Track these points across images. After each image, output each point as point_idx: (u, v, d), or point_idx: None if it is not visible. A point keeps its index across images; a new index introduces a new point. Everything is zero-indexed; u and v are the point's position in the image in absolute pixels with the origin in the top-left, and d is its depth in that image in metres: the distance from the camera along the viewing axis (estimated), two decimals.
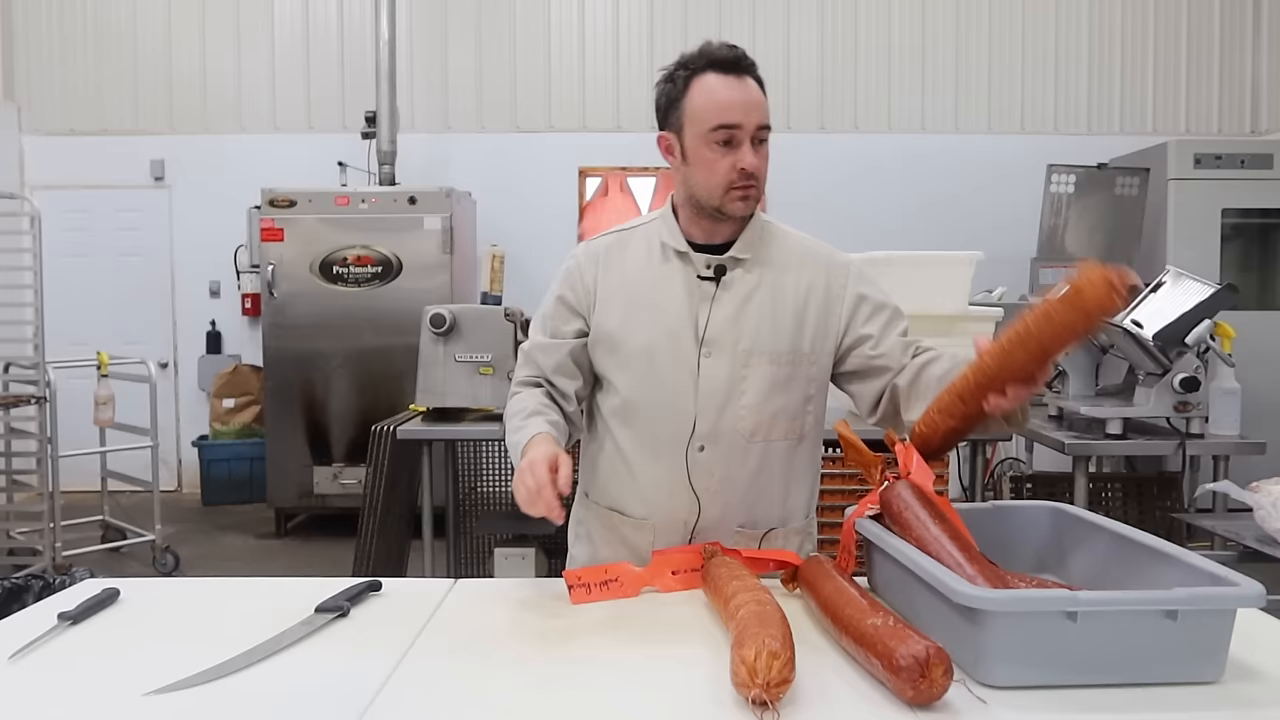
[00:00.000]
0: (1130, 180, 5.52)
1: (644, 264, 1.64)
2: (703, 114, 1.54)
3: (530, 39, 6.55)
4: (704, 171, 1.56)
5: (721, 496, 1.62)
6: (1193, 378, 3.22)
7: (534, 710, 1.09)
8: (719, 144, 1.53)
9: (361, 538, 3.72)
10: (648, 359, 1.61)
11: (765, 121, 1.55)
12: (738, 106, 1.53)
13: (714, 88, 1.54)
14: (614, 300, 1.64)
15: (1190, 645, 1.12)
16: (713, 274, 1.61)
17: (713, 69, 1.54)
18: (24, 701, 1.13)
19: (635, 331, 1.62)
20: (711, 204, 1.58)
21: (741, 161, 1.53)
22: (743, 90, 1.54)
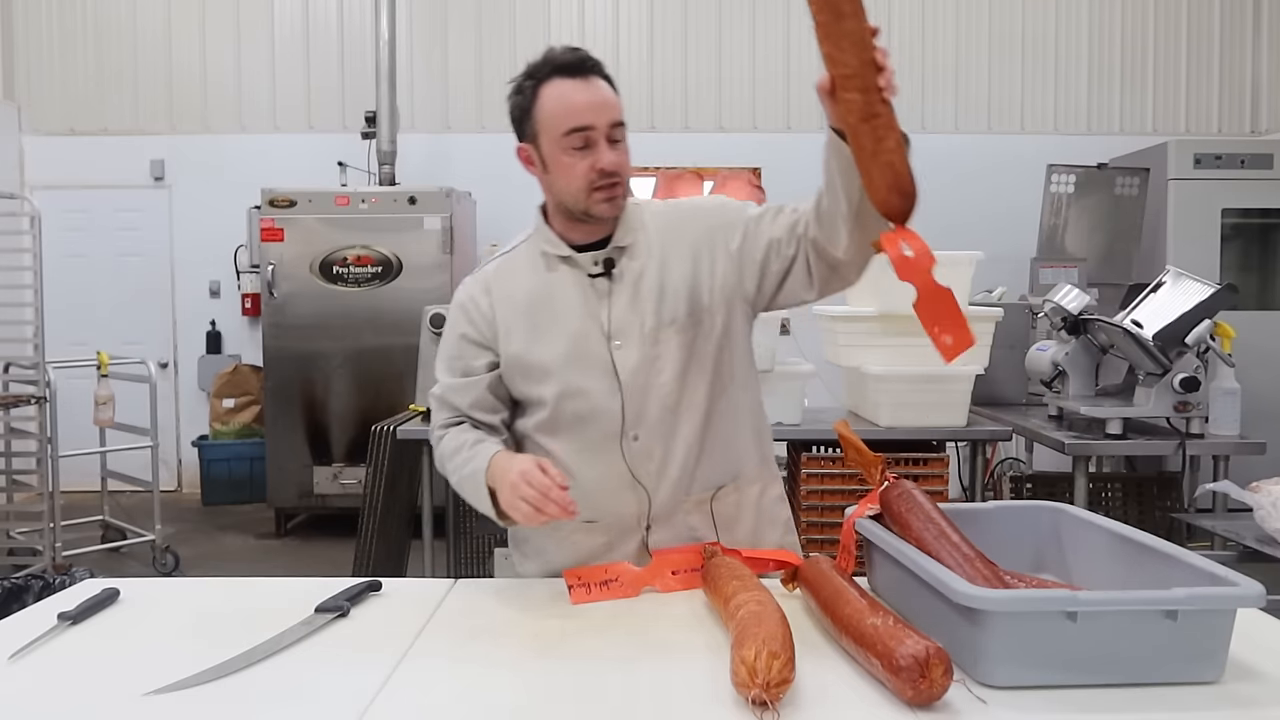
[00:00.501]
0: (1130, 180, 5.52)
1: (532, 280, 1.64)
2: (554, 120, 1.53)
3: (530, 39, 6.54)
4: (565, 177, 1.56)
5: (667, 476, 1.62)
6: (1193, 378, 3.22)
7: (533, 710, 1.09)
8: (575, 148, 1.53)
9: (361, 538, 3.72)
10: (564, 368, 1.61)
11: (618, 118, 1.56)
12: (587, 108, 1.53)
13: (562, 92, 1.53)
14: (515, 324, 1.64)
15: (1190, 645, 1.12)
16: (602, 269, 1.62)
17: (558, 74, 1.54)
18: (24, 701, 1.13)
19: (545, 347, 1.62)
20: (579, 208, 1.58)
21: (600, 162, 1.54)
22: (590, 91, 1.54)
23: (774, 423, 3.57)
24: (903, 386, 3.47)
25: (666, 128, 6.55)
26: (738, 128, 6.56)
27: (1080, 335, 3.54)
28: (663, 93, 6.56)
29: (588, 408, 1.61)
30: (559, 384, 1.61)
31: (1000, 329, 3.60)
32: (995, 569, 1.28)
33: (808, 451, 3.57)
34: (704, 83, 6.56)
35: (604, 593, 1.49)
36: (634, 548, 1.63)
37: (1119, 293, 5.00)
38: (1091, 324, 3.47)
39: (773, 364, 3.54)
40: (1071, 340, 3.56)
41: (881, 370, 3.47)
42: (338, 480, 5.58)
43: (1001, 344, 3.78)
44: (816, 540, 3.51)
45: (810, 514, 3.53)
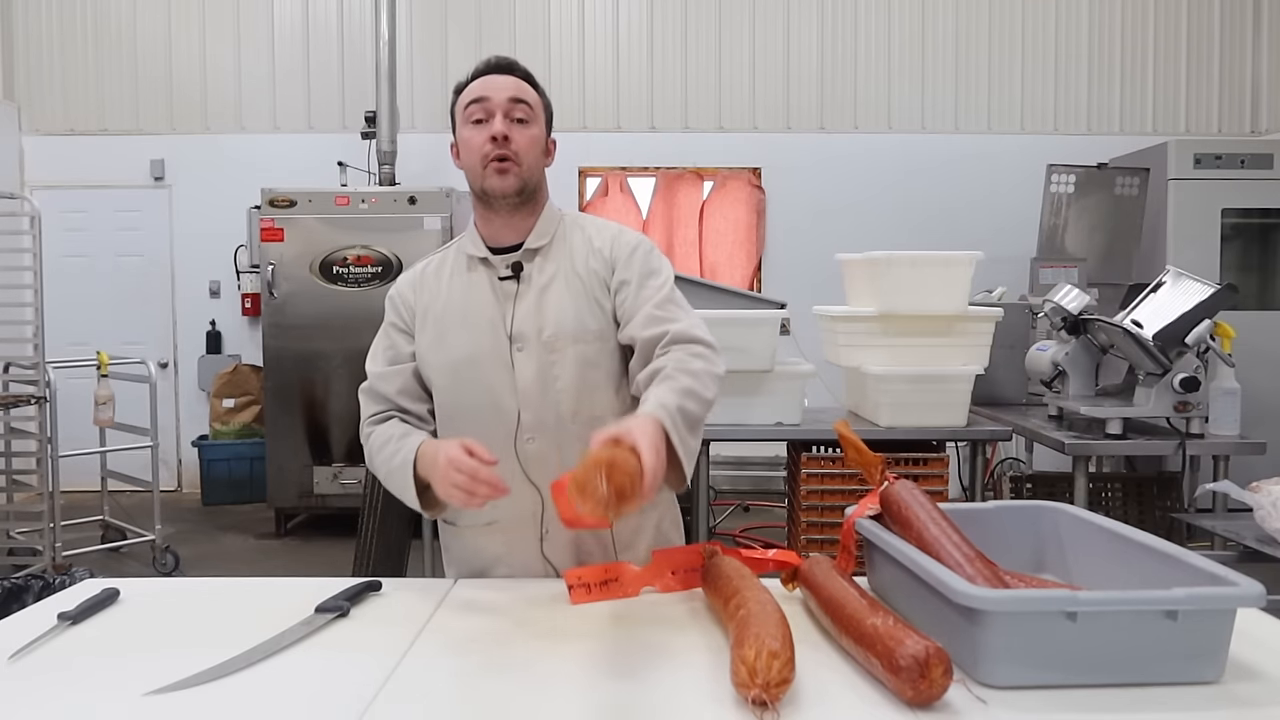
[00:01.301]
0: (1130, 180, 5.52)
1: (452, 280, 1.70)
2: (460, 103, 1.65)
3: (530, 39, 6.55)
4: (466, 152, 1.64)
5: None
6: (1193, 378, 3.22)
7: (533, 710, 1.09)
8: (473, 121, 1.62)
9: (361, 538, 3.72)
10: (467, 367, 1.65)
11: (518, 96, 1.63)
12: (487, 85, 1.63)
13: (472, 84, 1.65)
14: (429, 320, 1.69)
15: (1190, 645, 1.12)
16: (511, 272, 1.66)
17: (473, 75, 1.67)
18: (24, 701, 1.13)
19: (452, 345, 1.66)
20: (480, 186, 1.64)
21: (492, 130, 1.60)
22: (494, 78, 1.64)
23: (774, 422, 3.59)
24: (903, 386, 3.48)
25: (666, 128, 6.56)
26: (738, 128, 6.56)
27: (1080, 335, 3.54)
28: (663, 93, 6.56)
29: (486, 406, 1.64)
30: (461, 381, 1.65)
31: (1000, 329, 3.60)
32: (995, 569, 1.28)
33: (808, 451, 3.57)
34: (704, 83, 6.56)
35: (604, 592, 1.49)
36: (532, 552, 1.66)
37: (1119, 293, 5.00)
38: (1091, 324, 3.47)
39: (773, 364, 3.55)
40: (1071, 340, 3.56)
41: (881, 370, 3.48)
42: (338, 480, 5.58)
43: (1001, 344, 3.78)
44: (816, 540, 3.51)
45: (810, 514, 3.53)
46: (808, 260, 6.12)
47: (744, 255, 6.55)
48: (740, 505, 6.08)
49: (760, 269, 6.57)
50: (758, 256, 6.56)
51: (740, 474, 6.29)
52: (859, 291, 3.72)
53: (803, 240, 6.37)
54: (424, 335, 1.69)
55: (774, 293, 5.20)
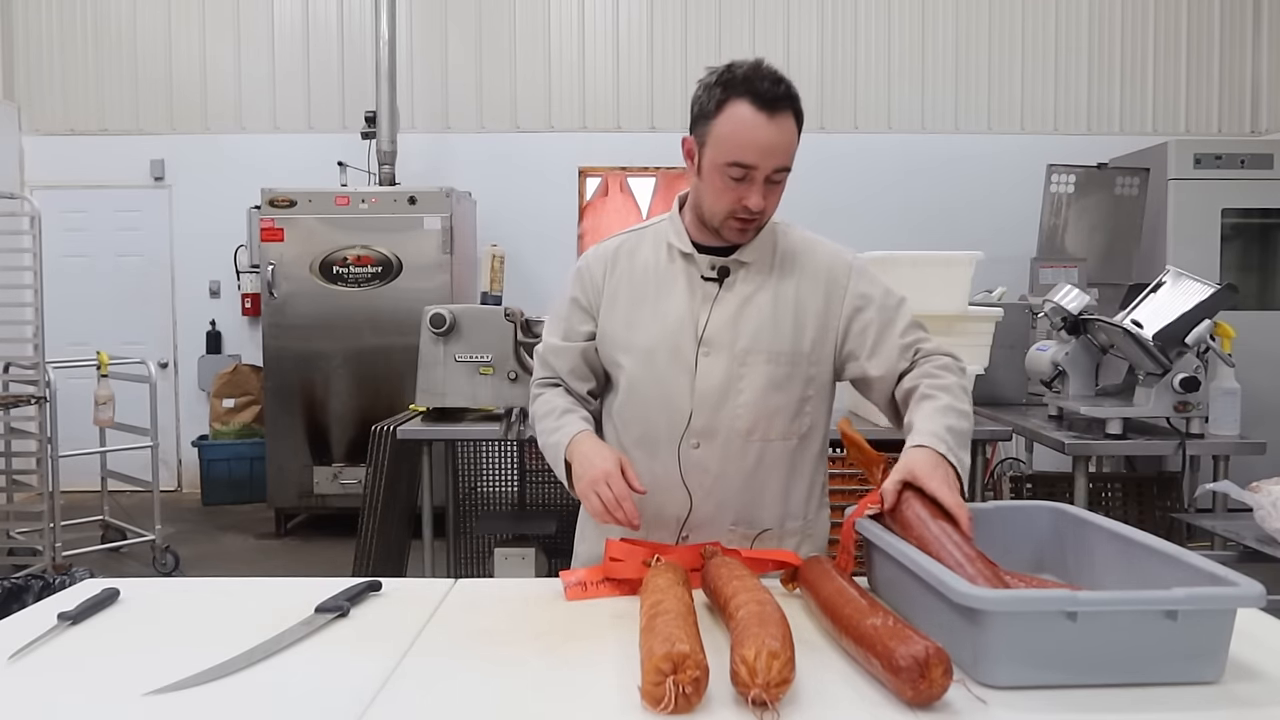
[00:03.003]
0: (1130, 180, 5.52)
1: (651, 265, 1.67)
2: (724, 143, 1.51)
3: (530, 39, 6.55)
4: (712, 195, 1.57)
5: (716, 494, 1.63)
6: (1193, 378, 3.22)
7: (533, 710, 1.09)
8: (732, 178, 1.53)
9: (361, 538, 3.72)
10: (648, 357, 1.63)
11: (785, 165, 1.54)
12: (759, 148, 1.50)
13: (742, 120, 1.50)
14: (619, 300, 1.67)
15: (1190, 645, 1.12)
16: (716, 275, 1.63)
17: (749, 98, 1.50)
18: (24, 701, 1.13)
19: (638, 331, 1.64)
20: (712, 224, 1.61)
21: (747, 199, 1.54)
22: (770, 131, 1.50)
23: None
24: None
25: (666, 128, 6.55)
26: None
27: (1080, 335, 3.54)
28: (663, 93, 6.56)
29: (659, 401, 1.63)
30: (640, 369, 1.64)
31: (1000, 329, 3.60)
32: (996, 569, 1.28)
33: None
34: None
35: (601, 590, 1.49)
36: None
37: (1119, 293, 5.00)
38: (1091, 324, 3.47)
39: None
40: (1071, 340, 3.56)
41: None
42: (338, 480, 5.58)
43: (1001, 344, 3.78)
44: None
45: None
46: None
47: None
48: None
49: None
50: None
51: None
52: None
53: None
54: (612, 316, 1.67)
55: None
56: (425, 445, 3.61)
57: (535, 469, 4.36)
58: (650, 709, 1.05)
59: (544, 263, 6.42)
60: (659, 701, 1.04)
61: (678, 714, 1.04)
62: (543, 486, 4.21)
